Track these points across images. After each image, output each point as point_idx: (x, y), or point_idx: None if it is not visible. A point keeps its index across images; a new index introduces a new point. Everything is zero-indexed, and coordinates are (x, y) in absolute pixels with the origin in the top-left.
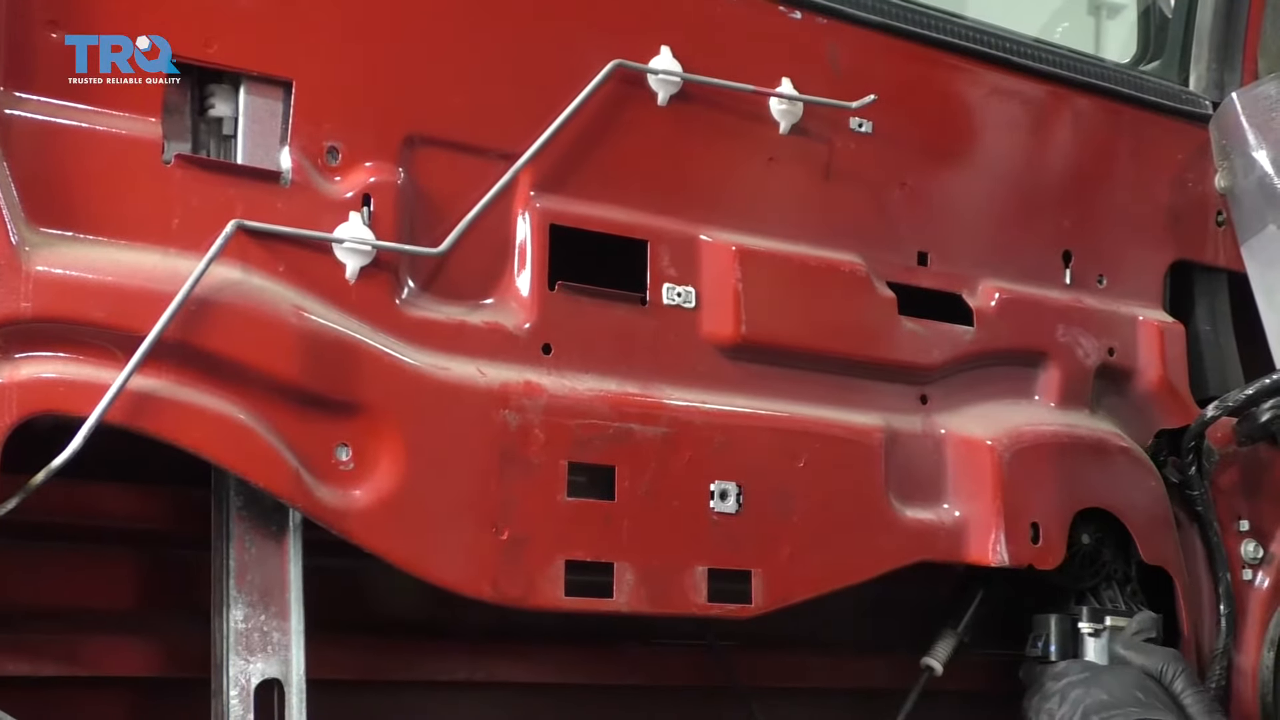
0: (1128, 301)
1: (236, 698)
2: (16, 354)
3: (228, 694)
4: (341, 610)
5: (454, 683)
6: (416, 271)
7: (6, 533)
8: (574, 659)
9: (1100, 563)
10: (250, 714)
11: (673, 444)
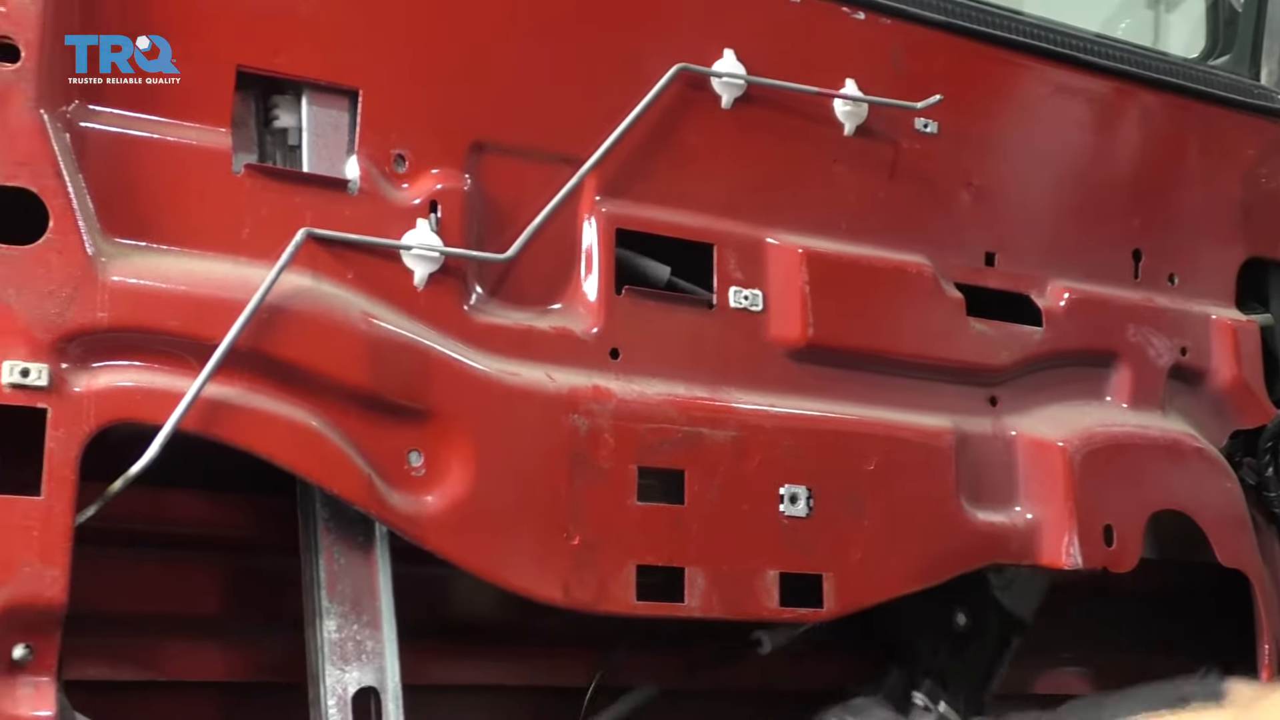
0: (1200, 300)
1: (334, 707)
2: (94, 363)
3: (325, 704)
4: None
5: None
6: (484, 277)
7: (87, 539)
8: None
9: (967, 652)
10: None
11: (742, 447)
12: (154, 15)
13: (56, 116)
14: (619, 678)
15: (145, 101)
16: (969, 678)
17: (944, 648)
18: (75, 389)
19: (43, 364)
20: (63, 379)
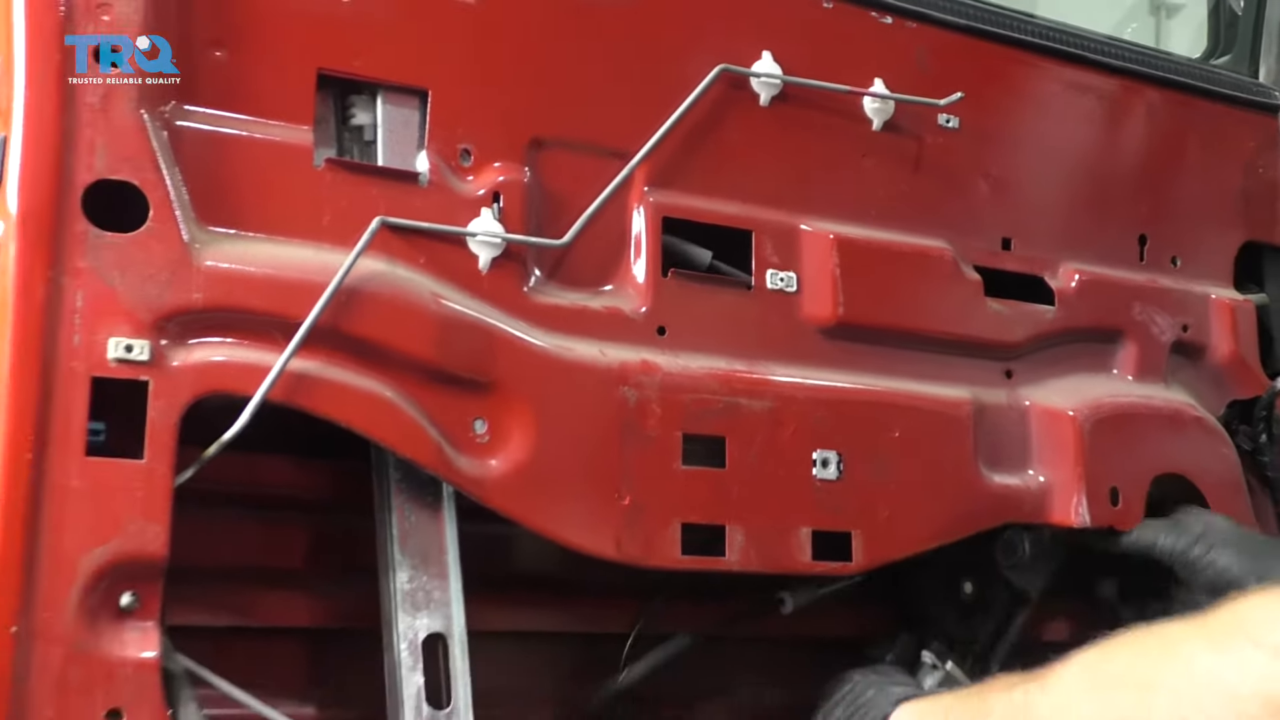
0: (1200, 281)
1: (406, 650)
2: (190, 340)
3: (398, 648)
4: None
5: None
6: (542, 261)
7: (186, 500)
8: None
9: (974, 620)
10: (419, 665)
11: (778, 417)
12: (244, 22)
13: (155, 116)
14: (659, 626)
15: (235, 101)
16: (974, 644)
17: (952, 615)
18: (173, 363)
19: (144, 340)
20: (162, 354)
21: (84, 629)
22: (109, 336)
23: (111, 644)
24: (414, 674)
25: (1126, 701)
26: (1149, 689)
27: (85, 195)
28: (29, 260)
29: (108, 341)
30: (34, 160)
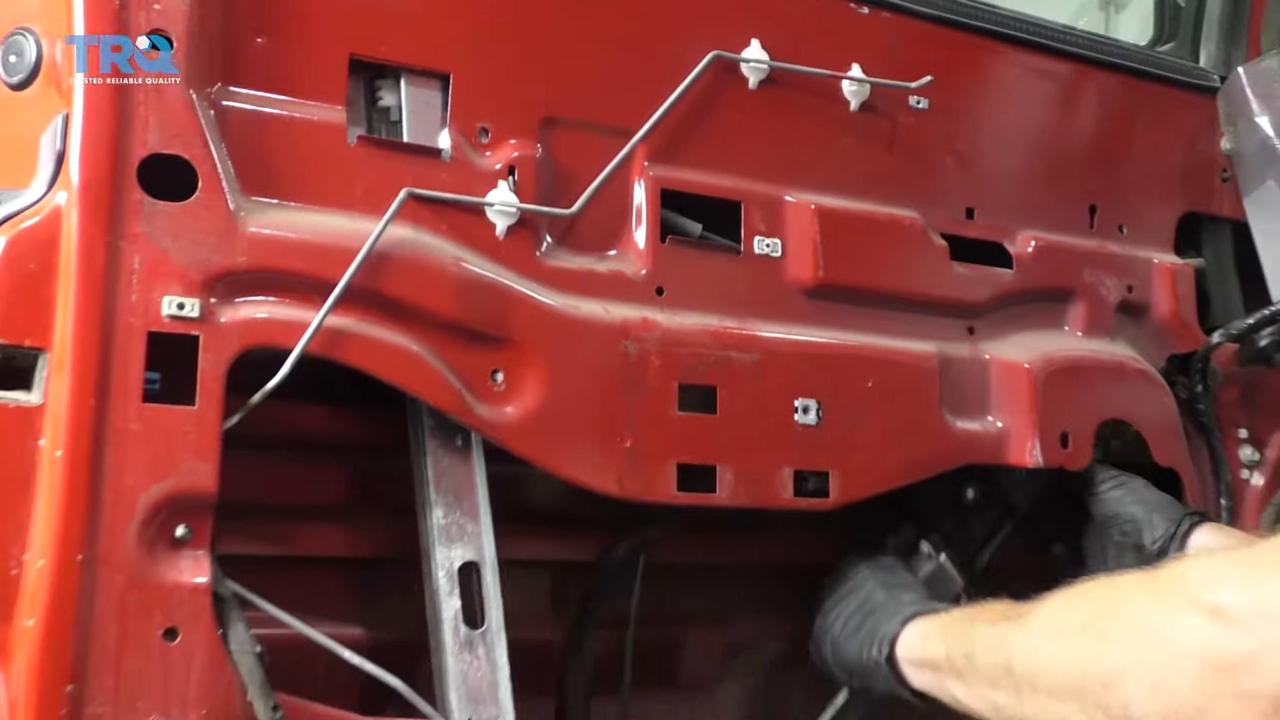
0: (1144, 247)
1: (444, 578)
2: (236, 299)
3: (437, 576)
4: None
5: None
6: (553, 229)
7: (234, 443)
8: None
9: (970, 522)
10: (455, 590)
11: (764, 368)
12: (283, 11)
13: (203, 96)
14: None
15: (275, 83)
16: (968, 543)
17: (950, 516)
18: (221, 320)
19: (195, 299)
20: (211, 311)
21: (143, 557)
22: (163, 295)
23: (168, 571)
24: (451, 598)
25: (1082, 646)
26: (1101, 637)
27: (140, 168)
28: (90, 227)
29: (162, 300)
30: (93, 136)
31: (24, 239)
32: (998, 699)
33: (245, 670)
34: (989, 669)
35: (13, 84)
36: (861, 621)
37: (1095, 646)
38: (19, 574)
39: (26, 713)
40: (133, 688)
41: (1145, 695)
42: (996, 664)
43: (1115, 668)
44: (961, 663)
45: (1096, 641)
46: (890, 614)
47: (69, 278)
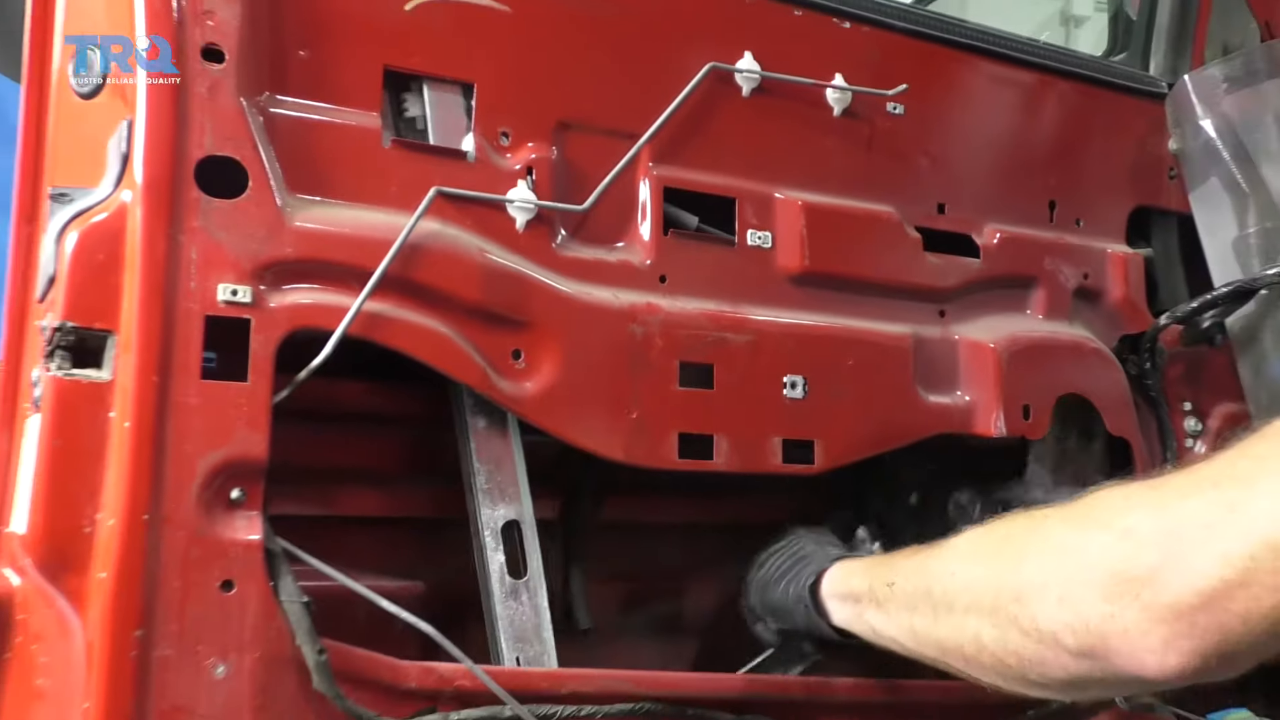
0: (1099, 238)
1: (489, 535)
2: (283, 286)
3: (483, 533)
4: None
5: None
6: (567, 223)
7: (283, 417)
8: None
9: (909, 523)
10: (500, 545)
11: (755, 348)
12: (324, 28)
13: (253, 103)
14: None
15: (317, 92)
16: (903, 536)
17: (893, 514)
18: (270, 304)
19: (247, 286)
20: (261, 297)
21: (202, 517)
22: (218, 283)
23: (224, 529)
24: (497, 553)
25: (998, 565)
26: (1016, 557)
27: (197, 168)
28: (153, 221)
29: (217, 287)
30: (155, 140)
31: (94, 232)
32: (915, 623)
33: (294, 618)
34: (908, 595)
35: (83, 93)
36: (790, 566)
37: (1010, 565)
38: (93, 532)
39: (101, 654)
40: (194, 633)
41: (1054, 607)
42: (916, 589)
43: (1027, 582)
44: (883, 592)
45: (1011, 561)
46: (819, 560)
47: (134, 267)
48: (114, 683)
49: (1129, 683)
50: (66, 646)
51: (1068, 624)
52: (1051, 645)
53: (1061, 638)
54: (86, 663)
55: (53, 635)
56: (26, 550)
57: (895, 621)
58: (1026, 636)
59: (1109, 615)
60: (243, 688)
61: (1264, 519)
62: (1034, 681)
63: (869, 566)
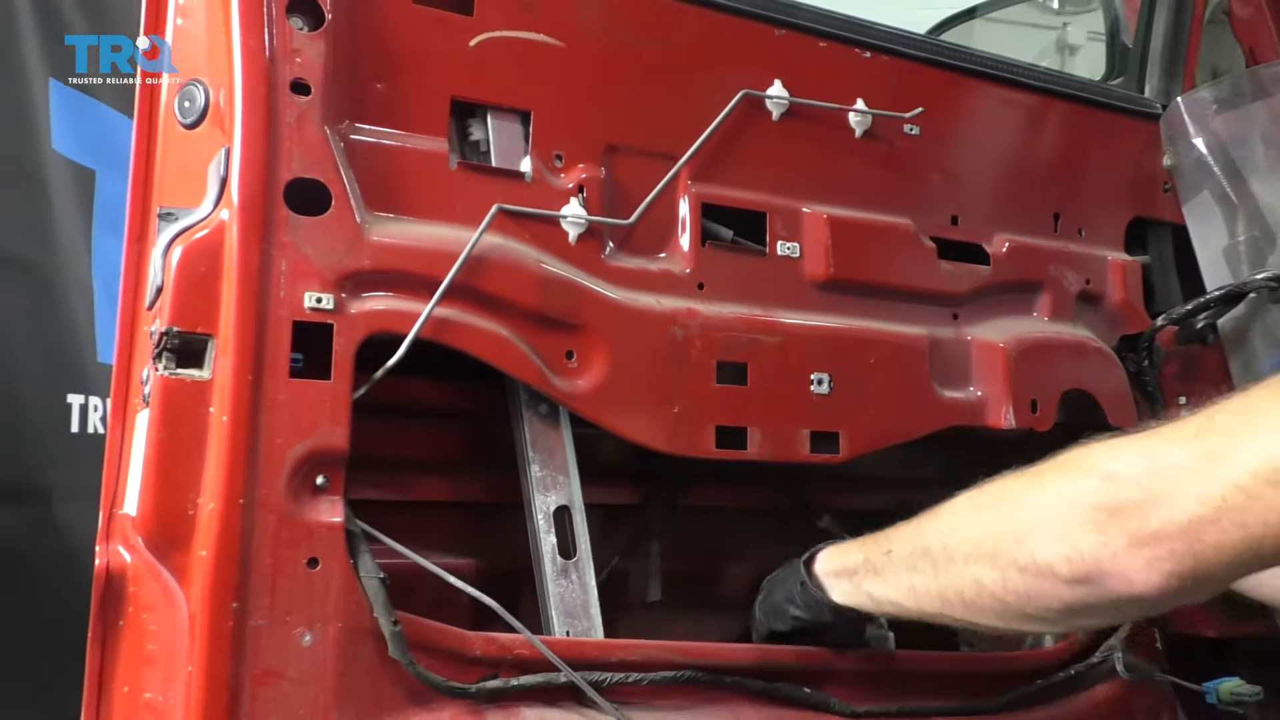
0: (1100, 247)
1: (542, 519)
2: (362, 294)
3: (536, 518)
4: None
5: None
6: (614, 236)
7: (362, 411)
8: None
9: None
10: (551, 529)
11: (785, 348)
12: (398, 63)
13: (335, 130)
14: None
15: (392, 120)
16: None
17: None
18: (351, 310)
19: (330, 294)
20: (343, 304)
21: (291, 501)
22: (305, 291)
23: (310, 512)
24: (549, 536)
25: (996, 515)
26: (1013, 506)
27: (286, 189)
28: (247, 237)
29: (304, 295)
30: (250, 165)
31: (196, 247)
32: (914, 581)
33: (371, 592)
34: (906, 557)
35: (186, 124)
36: (784, 573)
37: (1008, 512)
38: (195, 514)
39: (202, 623)
40: (284, 605)
41: (1051, 543)
42: (914, 549)
43: (1025, 524)
44: (880, 560)
45: (1009, 509)
46: (792, 567)
47: (231, 278)
48: (214, 649)
49: (1119, 604)
50: (172, 616)
51: (1064, 555)
52: (1049, 577)
53: (1058, 569)
54: (189, 631)
55: (160, 606)
56: (137, 530)
57: (894, 584)
58: (1024, 572)
59: (1101, 544)
60: (326, 655)
61: (1237, 467)
62: (1031, 615)
63: (861, 543)
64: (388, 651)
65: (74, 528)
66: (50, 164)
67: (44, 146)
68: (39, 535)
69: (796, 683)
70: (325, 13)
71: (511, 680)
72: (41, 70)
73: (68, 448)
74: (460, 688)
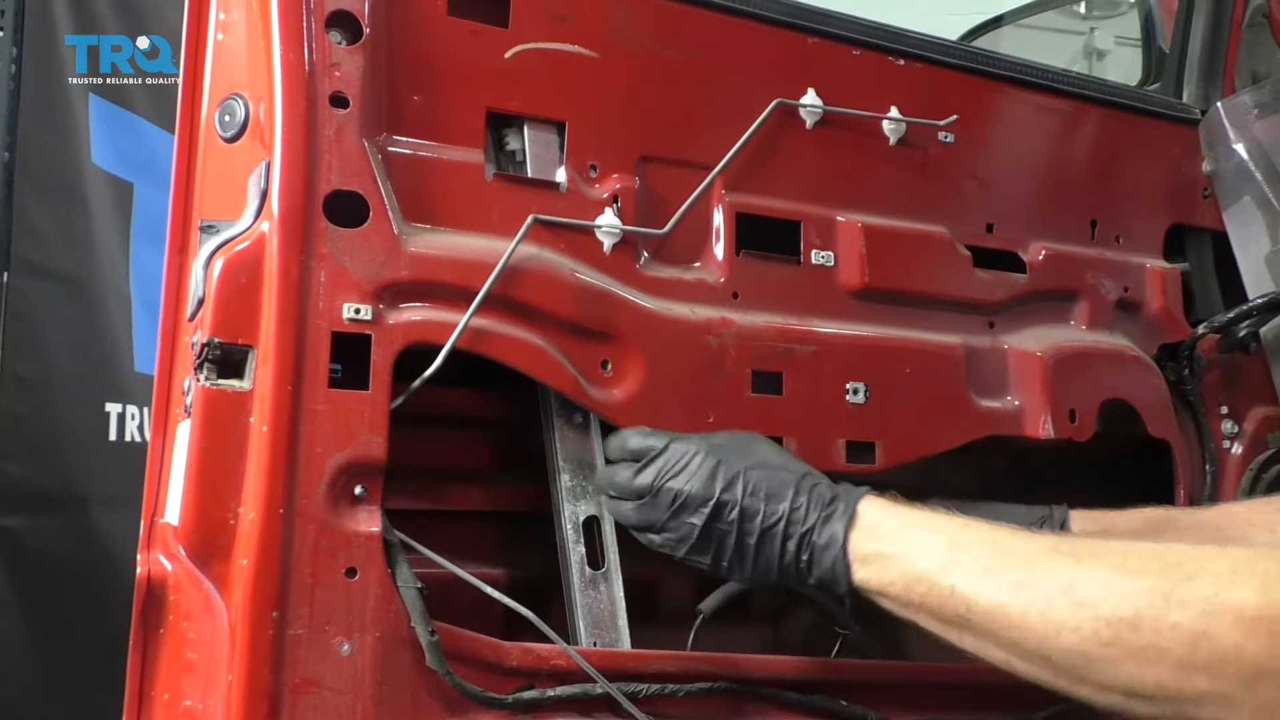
0: (1138, 254)
1: (571, 529)
2: (400, 304)
3: (565, 528)
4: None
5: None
6: (648, 246)
7: (399, 421)
8: None
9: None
10: (581, 539)
11: (820, 358)
12: (434, 76)
13: (373, 143)
14: None
15: (428, 132)
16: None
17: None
18: (389, 321)
19: (368, 305)
20: (381, 315)
21: (329, 511)
22: (343, 302)
23: (348, 522)
24: (578, 545)
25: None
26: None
27: (325, 201)
28: (287, 249)
29: (342, 306)
30: (289, 177)
31: (237, 259)
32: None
33: (409, 602)
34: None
35: (227, 138)
36: (811, 500)
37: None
38: (235, 523)
39: (243, 632)
40: (323, 614)
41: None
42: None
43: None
44: (989, 560)
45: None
46: (847, 494)
47: (271, 289)
48: (254, 658)
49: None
50: (212, 625)
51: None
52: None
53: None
54: (230, 640)
55: (200, 614)
56: (178, 539)
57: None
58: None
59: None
60: (365, 664)
61: None
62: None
63: (933, 527)
64: (425, 661)
65: (112, 534)
66: (90, 178)
67: (84, 160)
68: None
69: (833, 694)
70: (364, 26)
71: (547, 691)
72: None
73: (106, 455)
74: (497, 698)
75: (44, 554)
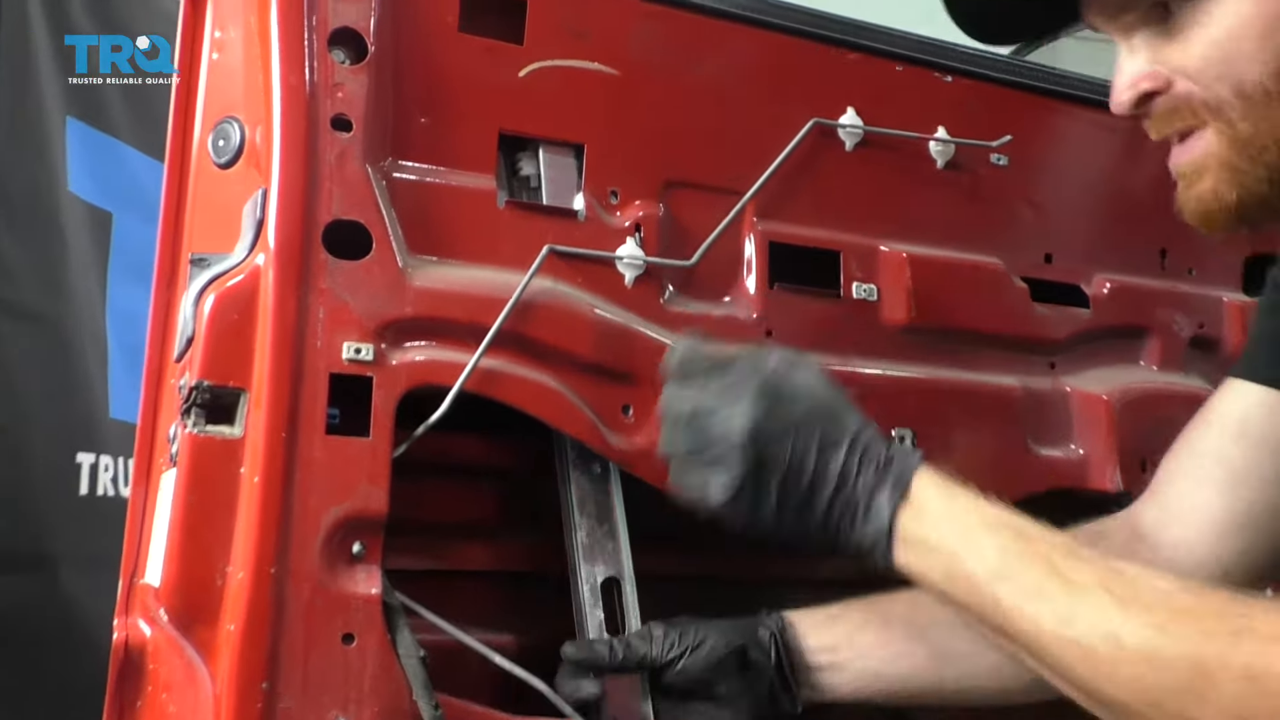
0: (1213, 286)
1: (588, 592)
2: (404, 343)
3: (582, 590)
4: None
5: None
6: (674, 278)
7: (400, 470)
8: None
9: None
10: (599, 603)
11: (863, 400)
12: (442, 96)
13: (377, 169)
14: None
15: (436, 156)
16: None
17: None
18: (392, 362)
19: (369, 344)
20: (383, 355)
21: (325, 570)
22: (343, 341)
23: (345, 582)
24: (595, 609)
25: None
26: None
27: (325, 232)
28: (284, 283)
29: (342, 345)
30: (287, 206)
31: (230, 295)
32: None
33: (411, 672)
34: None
35: (221, 164)
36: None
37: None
38: (223, 584)
39: (229, 705)
40: (317, 686)
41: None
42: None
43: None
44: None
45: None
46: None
47: (266, 327)
48: None
49: None
50: (195, 696)
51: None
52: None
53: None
54: (214, 713)
55: (181, 685)
56: (159, 601)
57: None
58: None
59: None
60: None
61: None
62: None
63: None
64: None
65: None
66: (66, 207)
67: (60, 189)
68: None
69: None
70: (369, 45)
71: None
72: (59, 109)
73: (76, 511)
74: None
75: (8, 617)
